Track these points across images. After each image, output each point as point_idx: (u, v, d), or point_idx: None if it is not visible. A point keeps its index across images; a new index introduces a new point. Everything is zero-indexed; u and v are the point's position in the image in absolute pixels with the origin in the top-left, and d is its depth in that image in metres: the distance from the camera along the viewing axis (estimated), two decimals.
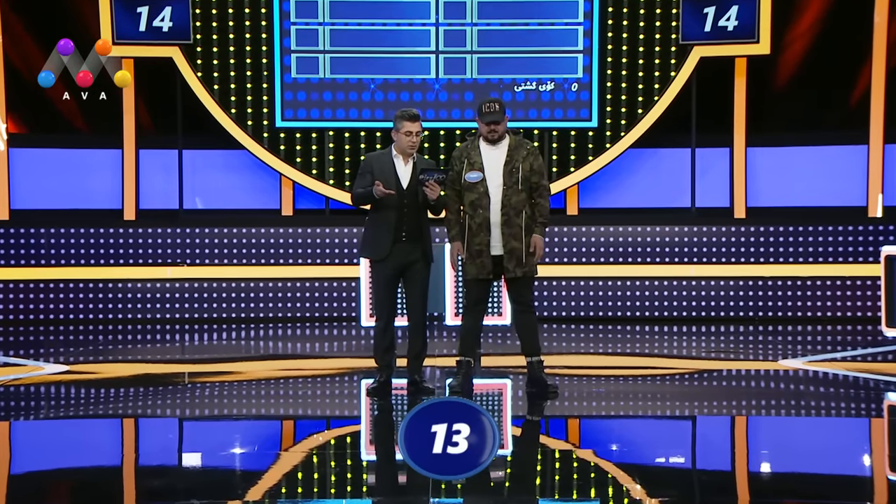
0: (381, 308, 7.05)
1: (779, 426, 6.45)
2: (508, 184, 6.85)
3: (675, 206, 11.88)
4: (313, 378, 8.07)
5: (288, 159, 11.65)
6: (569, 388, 7.44)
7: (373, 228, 7.02)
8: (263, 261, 11.40)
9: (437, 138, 11.72)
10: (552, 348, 9.43)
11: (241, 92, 11.63)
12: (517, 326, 7.10)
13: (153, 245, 11.35)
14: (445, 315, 9.85)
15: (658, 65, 11.62)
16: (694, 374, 8.17)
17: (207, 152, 11.94)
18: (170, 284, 11.35)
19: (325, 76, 11.61)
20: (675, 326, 10.97)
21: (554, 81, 11.61)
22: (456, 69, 11.60)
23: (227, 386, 7.65)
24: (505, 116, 6.91)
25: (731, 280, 11.36)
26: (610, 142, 11.64)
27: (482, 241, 6.88)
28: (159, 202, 11.83)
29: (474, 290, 7.00)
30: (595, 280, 11.40)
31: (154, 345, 9.98)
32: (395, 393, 7.08)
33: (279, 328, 10.96)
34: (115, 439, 6.20)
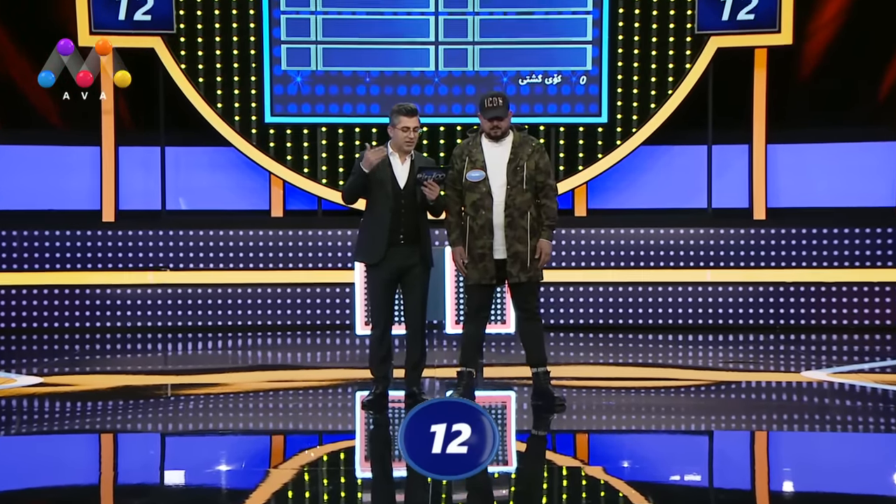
0: (378, 315, 7.05)
1: (802, 442, 6.44)
2: (512, 183, 6.85)
3: (690, 207, 11.87)
4: (304, 390, 8.07)
5: (278, 157, 11.65)
6: (577, 400, 7.43)
7: (368, 230, 7.02)
8: (252, 265, 11.40)
9: (436, 135, 11.72)
10: (559, 358, 9.43)
11: (228, 85, 11.64)
12: (522, 335, 7.09)
13: (134, 248, 11.36)
14: (445, 323, 9.84)
15: (672, 56, 11.62)
16: (710, 387, 8.17)
17: (192, 149, 11.94)
18: (151, 290, 11.35)
19: (318, 69, 11.62)
20: (690, 335, 10.97)
21: (561, 74, 11.61)
22: (457, 61, 11.60)
23: (213, 399, 7.65)
24: (509, 111, 6.91)
25: (749, 286, 11.36)
26: (621, 138, 11.64)
27: (485, 244, 6.88)
28: (140, 202, 11.83)
29: (476, 297, 7.00)
30: (605, 286, 11.40)
31: (134, 355, 9.98)
32: (391, 406, 7.07)
33: (268, 337, 10.96)
34: (93, 456, 6.20)
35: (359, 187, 6.95)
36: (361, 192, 6.99)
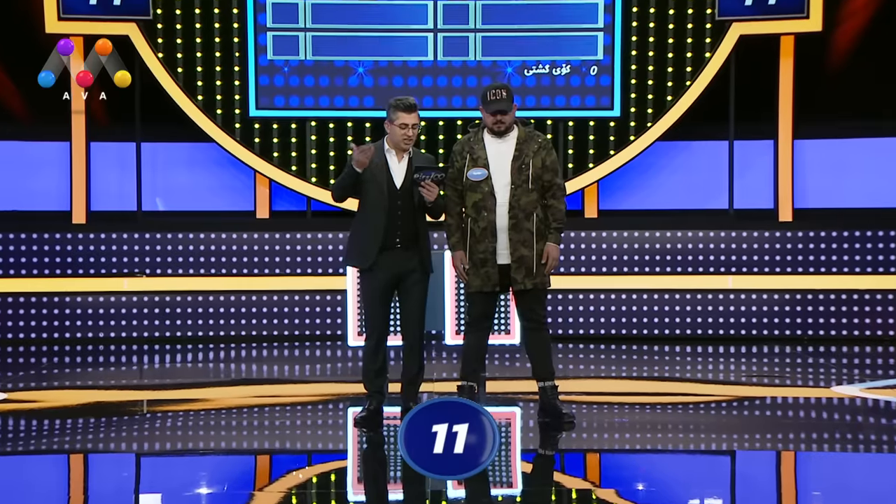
0: (372, 325, 7.05)
1: (832, 464, 6.44)
2: (517, 182, 6.86)
3: (710, 208, 11.88)
4: (292, 406, 8.07)
5: (263, 154, 11.66)
6: (587, 417, 7.44)
7: (360, 233, 7.02)
8: (235, 271, 11.40)
9: (435, 130, 11.72)
10: (568, 371, 9.43)
11: (210, 76, 11.64)
12: (527, 346, 7.10)
13: (107, 253, 11.35)
14: (445, 333, 9.83)
15: (691, 44, 11.63)
16: (732, 403, 8.17)
17: (170, 145, 11.94)
18: (126, 298, 11.35)
19: (307, 58, 11.62)
20: (710, 347, 10.97)
21: (570, 64, 11.62)
22: (457, 50, 11.61)
23: (192, 416, 7.65)
24: (513, 105, 6.92)
25: (774, 293, 11.35)
26: (634, 133, 11.65)
27: (487, 248, 6.89)
28: (114, 203, 11.83)
29: (478, 305, 7.01)
30: (617, 293, 11.40)
31: (107, 368, 9.97)
32: (386, 423, 7.07)
33: (253, 348, 10.96)
34: (61, 480, 6.19)
35: (349, 186, 6.96)
36: (352, 192, 6.99)
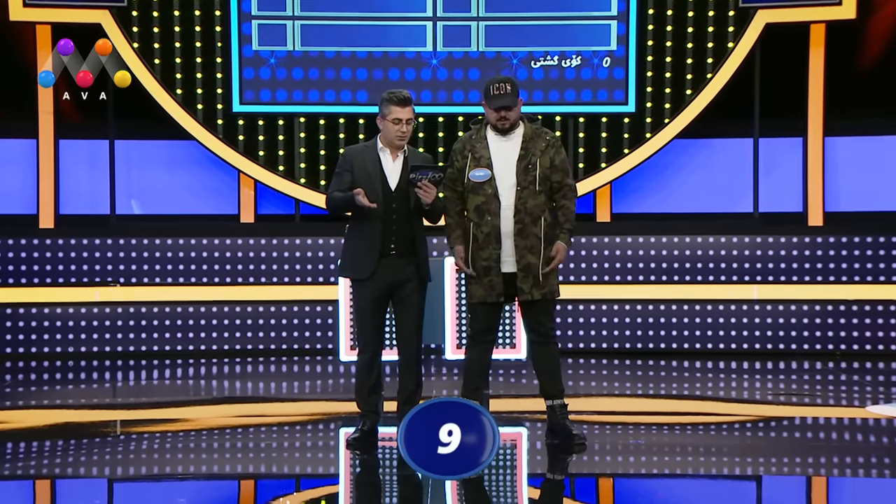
0: (365, 339, 7.06)
1: (867, 490, 6.44)
2: (523, 184, 6.87)
3: (732, 212, 11.89)
4: (279, 427, 8.08)
5: (248, 152, 11.68)
6: (599, 438, 7.44)
7: (355, 241, 7.03)
8: (217, 279, 11.42)
9: (434, 126, 11.75)
10: (578, 388, 9.44)
11: (189, 67, 11.66)
12: (535, 361, 7.11)
13: (77, 260, 11.37)
14: (445, 347, 9.86)
15: (712, 33, 11.65)
16: (758, 423, 8.17)
17: (146, 143, 11.96)
18: (98, 310, 11.36)
19: (295, 48, 11.65)
20: (734, 363, 10.98)
21: (581, 55, 11.64)
22: (458, 40, 11.63)
23: (171, 437, 7.65)
24: (518, 100, 6.94)
25: (804, 304, 11.37)
26: (651, 130, 11.67)
27: (491, 255, 6.90)
28: (85, 206, 11.85)
29: (481, 317, 7.02)
30: (632, 304, 11.41)
31: (77, 386, 9.98)
32: (381, 445, 7.08)
33: (237, 364, 10.96)
34: None
35: (348, 207, 6.96)
36: (351, 210, 7.00)
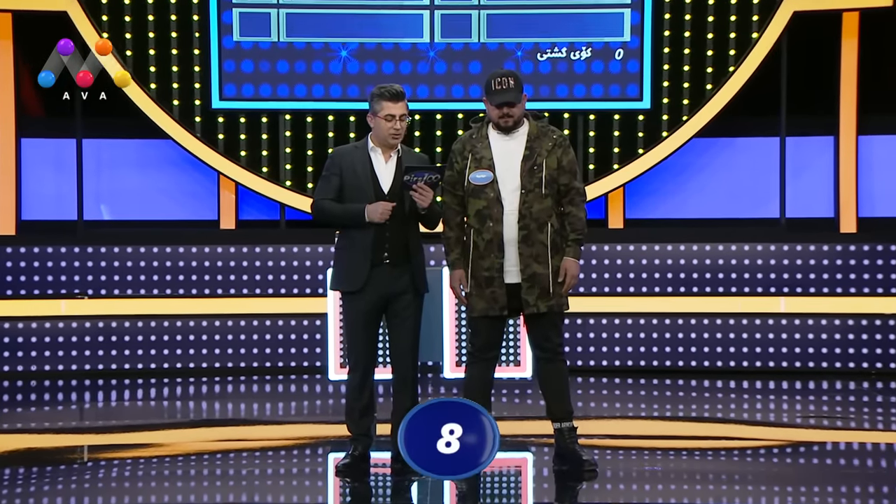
0: (357, 356, 7.07)
1: None
2: (528, 187, 6.90)
3: (757, 217, 11.91)
4: (262, 452, 8.09)
5: (229, 152, 11.70)
6: (612, 464, 7.46)
7: (346, 250, 7.03)
8: (195, 291, 11.43)
9: (431, 125, 11.77)
10: (588, 410, 9.45)
11: (164, 60, 11.68)
12: (541, 380, 7.13)
13: (41, 270, 11.38)
14: (444, 365, 9.86)
15: (735, 23, 11.68)
16: (785, 449, 8.19)
17: (117, 142, 11.98)
18: (64, 324, 11.37)
19: (280, 39, 11.67)
20: (759, 382, 10.98)
21: (591, 47, 11.66)
22: (457, 30, 11.64)
23: (143, 464, 7.66)
24: (523, 95, 6.97)
25: (836, 319, 11.37)
26: (667, 129, 11.70)
27: (493, 265, 6.92)
28: (49, 211, 11.87)
29: (483, 332, 7.04)
30: (647, 317, 11.42)
31: (40, 408, 9.98)
32: (373, 472, 7.10)
33: (216, 383, 10.96)
34: None
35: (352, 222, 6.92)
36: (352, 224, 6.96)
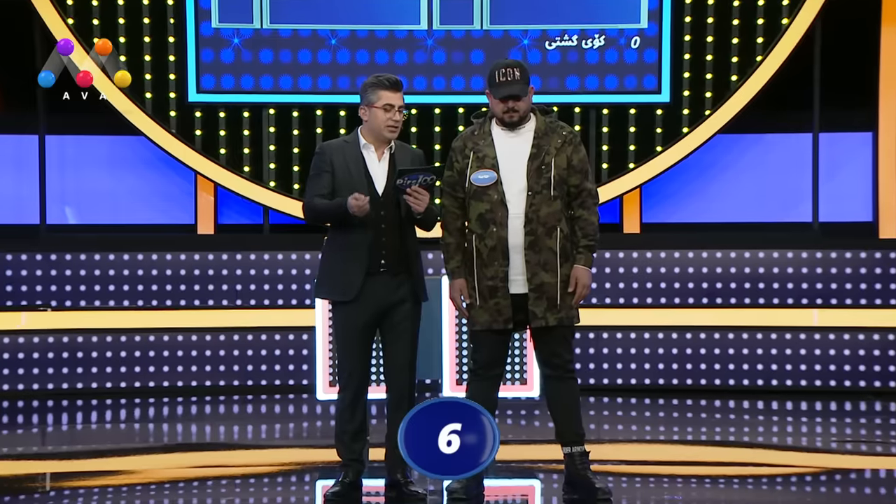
0: (349, 373, 7.07)
1: None
2: (535, 188, 6.92)
3: (788, 221, 11.93)
4: (244, 479, 8.10)
5: (207, 150, 11.71)
6: (628, 493, 7.48)
7: (335, 255, 7.03)
8: (170, 302, 11.44)
9: (429, 119, 11.78)
10: (601, 433, 9.46)
11: (136, 49, 11.70)
12: (550, 400, 7.14)
13: (0, 280, 11.39)
14: (443, 383, 9.88)
15: (762, 8, 11.71)
16: (820, 476, 8.20)
17: (84, 139, 12.01)
18: (25, 339, 11.38)
19: (264, 26, 11.68)
20: (790, 403, 10.98)
21: (605, 34, 11.69)
22: (458, 16, 11.64)
23: (112, 493, 7.67)
24: (530, 88, 6.98)
25: (874, 333, 11.37)
26: (688, 124, 11.71)
27: (497, 273, 6.93)
28: (9, 214, 11.89)
29: (486, 348, 7.05)
30: (665, 331, 11.42)
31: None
32: (366, 501, 7.11)
33: (193, 404, 10.97)
34: None
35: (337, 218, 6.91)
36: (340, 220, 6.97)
